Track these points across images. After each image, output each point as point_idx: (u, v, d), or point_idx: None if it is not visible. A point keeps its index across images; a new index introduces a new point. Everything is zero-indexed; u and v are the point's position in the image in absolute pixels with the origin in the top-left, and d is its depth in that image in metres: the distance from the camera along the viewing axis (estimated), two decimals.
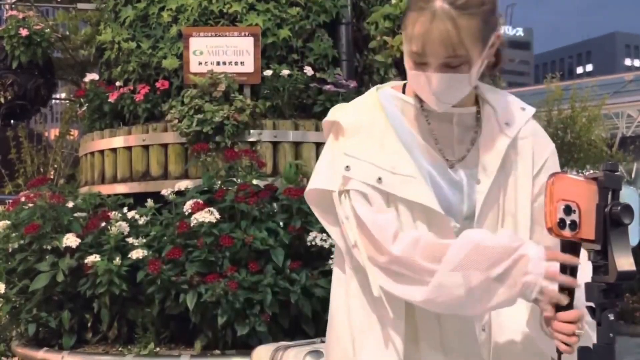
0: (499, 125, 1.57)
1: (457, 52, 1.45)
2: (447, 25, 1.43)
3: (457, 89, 1.51)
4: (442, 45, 1.44)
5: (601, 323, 1.38)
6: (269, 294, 3.55)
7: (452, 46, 1.44)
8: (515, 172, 1.56)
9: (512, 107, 1.60)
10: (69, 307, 3.95)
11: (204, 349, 3.67)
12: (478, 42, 1.45)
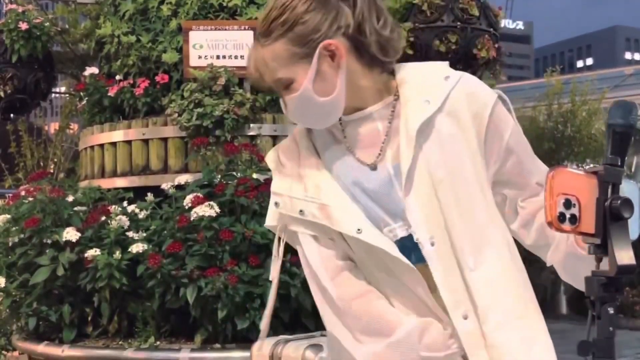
0: (416, 105, 1.55)
1: (272, 78, 1.53)
2: (257, 54, 1.53)
3: (305, 107, 1.54)
4: (258, 74, 1.54)
5: (601, 317, 1.38)
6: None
7: (266, 73, 1.53)
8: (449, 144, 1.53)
9: (432, 80, 1.58)
10: (69, 301, 3.95)
11: (204, 343, 3.68)
12: (293, 61, 1.50)
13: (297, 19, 1.49)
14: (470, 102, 1.55)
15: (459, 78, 1.57)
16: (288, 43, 1.50)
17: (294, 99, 1.53)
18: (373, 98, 1.59)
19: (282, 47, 1.50)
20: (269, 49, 1.51)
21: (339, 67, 1.52)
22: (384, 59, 1.55)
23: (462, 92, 1.56)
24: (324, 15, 1.51)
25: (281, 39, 1.50)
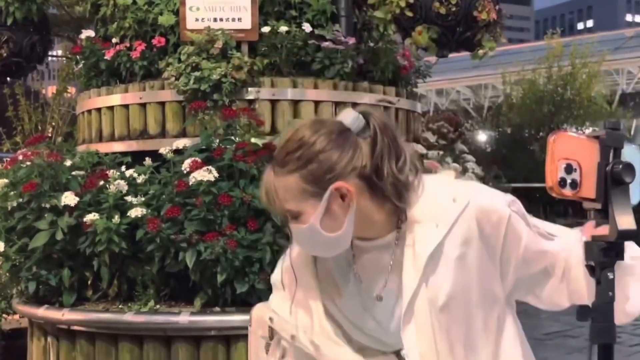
0: (424, 230, 1.56)
1: (281, 207, 1.56)
2: (270, 181, 1.56)
3: (313, 240, 1.57)
4: (268, 199, 1.58)
5: (600, 281, 1.38)
6: (268, 252, 3.56)
7: (276, 201, 1.56)
8: (456, 270, 1.54)
9: (440, 202, 1.58)
10: (68, 265, 3.96)
11: (203, 306, 3.69)
12: (303, 197, 1.52)
13: (312, 157, 1.51)
14: (482, 224, 1.55)
15: (467, 202, 1.56)
16: (300, 179, 1.52)
17: (300, 231, 1.56)
18: (385, 229, 1.60)
19: (294, 182, 1.52)
20: (282, 179, 1.53)
21: (349, 207, 1.53)
22: (398, 204, 1.55)
23: (472, 215, 1.55)
24: (340, 155, 1.52)
25: (294, 174, 1.52)
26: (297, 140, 1.52)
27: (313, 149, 1.51)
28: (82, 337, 3.85)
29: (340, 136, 1.54)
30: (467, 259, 1.54)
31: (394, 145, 1.55)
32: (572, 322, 7.83)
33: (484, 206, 1.57)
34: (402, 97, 4.74)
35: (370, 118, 1.57)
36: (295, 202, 1.53)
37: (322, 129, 1.55)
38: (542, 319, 8.27)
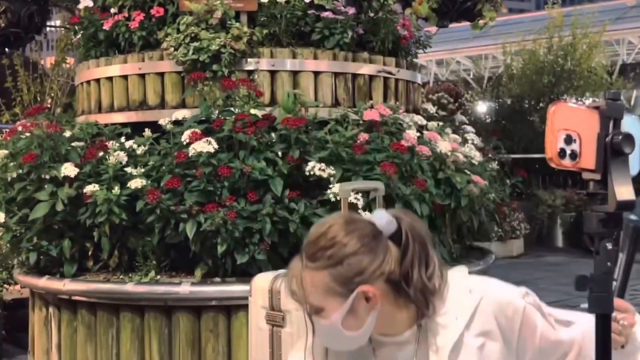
0: (444, 322, 1.60)
1: (305, 299, 1.58)
2: (299, 272, 1.58)
3: (332, 335, 1.60)
4: (294, 287, 1.59)
5: (599, 252, 1.39)
6: (268, 223, 3.57)
7: (301, 291, 1.58)
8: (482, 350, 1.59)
9: (458, 294, 1.62)
10: (69, 236, 3.97)
11: (204, 277, 3.72)
12: (328, 294, 1.54)
13: (343, 259, 1.53)
14: (498, 317, 1.59)
15: (483, 293, 1.61)
16: (328, 277, 1.54)
17: (322, 326, 1.59)
18: (405, 326, 1.63)
19: (321, 279, 1.54)
20: (310, 274, 1.56)
21: (372, 309, 1.56)
22: (423, 310, 1.58)
23: (488, 307, 1.60)
24: (371, 260, 1.54)
25: (323, 271, 1.54)
26: (330, 239, 1.55)
27: (345, 251, 1.54)
28: (83, 307, 3.88)
29: (373, 240, 1.56)
30: (486, 349, 1.60)
31: (424, 251, 1.59)
32: (570, 291, 7.87)
33: (499, 299, 1.62)
34: (402, 67, 4.72)
35: (402, 222, 1.60)
36: (320, 297, 1.56)
37: (355, 230, 1.57)
38: (541, 289, 8.32)
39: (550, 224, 11.96)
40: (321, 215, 3.66)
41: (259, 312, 3.01)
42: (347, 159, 3.77)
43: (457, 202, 4.06)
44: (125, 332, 3.72)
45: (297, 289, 1.60)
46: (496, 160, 5.15)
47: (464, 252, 4.54)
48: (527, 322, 1.61)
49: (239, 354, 3.57)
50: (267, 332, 2.96)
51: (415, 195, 3.80)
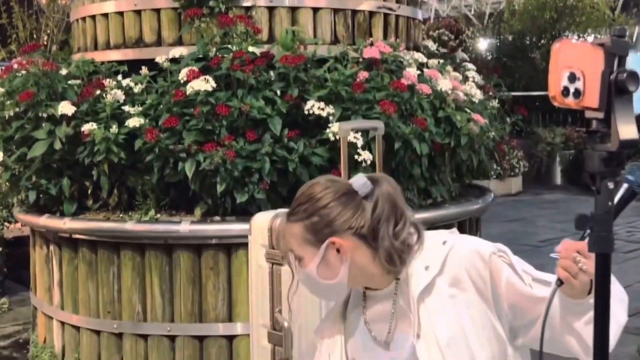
0: (418, 273, 1.73)
1: (287, 248, 1.77)
2: (283, 226, 1.79)
3: (310, 284, 1.78)
4: (278, 244, 1.86)
5: (600, 191, 1.38)
6: (267, 163, 3.56)
7: (283, 244, 1.79)
8: (450, 306, 1.70)
9: (431, 247, 1.75)
10: (68, 175, 3.97)
11: (204, 215, 3.72)
12: (305, 243, 1.73)
13: (315, 211, 1.71)
14: (467, 266, 1.70)
15: (454, 242, 1.74)
16: (304, 228, 1.73)
17: (301, 274, 1.77)
18: (386, 280, 1.77)
19: (298, 230, 1.73)
20: (290, 226, 1.75)
21: (343, 261, 1.72)
22: (389, 267, 1.72)
23: (458, 255, 1.71)
24: (340, 213, 1.71)
25: (300, 223, 1.73)
26: (307, 195, 1.74)
27: (318, 204, 1.72)
28: (84, 245, 3.90)
29: (346, 197, 1.72)
30: (459, 299, 1.69)
31: (394, 211, 1.72)
32: (567, 229, 7.93)
33: (468, 248, 1.72)
34: (402, 3, 4.65)
35: (376, 184, 1.74)
36: (298, 247, 1.74)
37: (331, 188, 1.75)
38: (539, 227, 8.38)
39: (549, 162, 11.98)
40: (320, 155, 3.65)
41: (259, 250, 3.03)
42: (346, 98, 3.74)
43: (457, 141, 4.05)
44: (126, 270, 3.75)
45: (281, 241, 1.80)
46: (497, 98, 5.12)
47: (462, 191, 4.54)
48: (495, 272, 1.68)
49: (239, 291, 3.61)
50: (267, 270, 2.98)
51: (414, 134, 3.78)
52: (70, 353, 4.02)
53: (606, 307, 1.35)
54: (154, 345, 3.72)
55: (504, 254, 1.72)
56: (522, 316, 1.70)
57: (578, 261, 1.49)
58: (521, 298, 1.68)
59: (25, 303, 5.15)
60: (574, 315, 1.59)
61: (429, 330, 1.69)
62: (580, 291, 1.53)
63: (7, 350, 4.62)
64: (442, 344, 1.67)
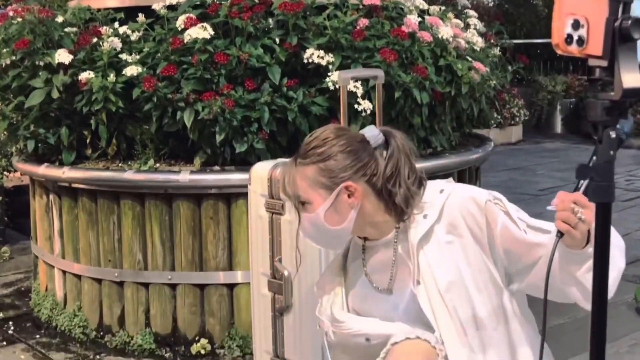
0: (416, 223, 1.77)
1: (295, 194, 1.79)
2: (290, 169, 1.80)
3: (315, 228, 1.79)
4: (284, 185, 1.81)
5: (602, 141, 1.37)
6: (266, 112, 3.53)
7: (291, 188, 1.79)
8: (447, 252, 1.74)
9: (429, 196, 1.79)
10: (66, 124, 3.95)
11: (203, 165, 3.72)
12: (315, 187, 1.75)
13: (332, 155, 1.74)
14: (463, 211, 1.74)
15: (451, 190, 1.78)
16: (317, 171, 1.75)
17: (306, 219, 1.79)
18: (387, 229, 1.81)
19: (312, 172, 1.75)
20: (301, 169, 1.77)
21: (353, 206, 1.75)
22: (405, 209, 1.76)
23: (455, 202, 1.75)
24: (354, 160, 1.75)
25: (314, 165, 1.75)
26: (322, 139, 1.77)
27: (334, 149, 1.75)
28: (84, 194, 3.90)
29: (360, 145, 1.77)
30: (456, 244, 1.73)
31: (408, 162, 1.79)
32: (566, 177, 7.94)
33: (464, 195, 1.76)
34: None
35: (390, 135, 1.81)
36: (308, 191, 1.76)
37: (345, 134, 1.79)
38: (538, 175, 8.39)
39: (549, 111, 11.92)
40: (320, 104, 3.62)
41: (259, 200, 3.04)
42: (346, 46, 3.70)
43: (458, 90, 4.02)
44: (126, 219, 3.76)
45: (288, 185, 1.79)
46: (498, 46, 5.06)
47: (462, 140, 4.53)
48: (491, 219, 1.72)
49: (239, 241, 3.62)
50: (267, 219, 2.99)
51: (415, 82, 3.75)
52: (72, 301, 4.06)
53: (606, 256, 1.36)
54: (155, 293, 3.75)
55: (500, 201, 1.75)
56: (516, 262, 1.73)
57: (576, 212, 1.50)
58: (516, 244, 1.71)
59: (26, 252, 5.18)
60: (574, 265, 1.60)
61: (428, 276, 1.72)
62: (580, 241, 1.54)
63: (9, 298, 4.66)
64: (441, 289, 1.70)
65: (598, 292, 1.35)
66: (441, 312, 1.71)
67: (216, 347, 3.68)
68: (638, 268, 4.65)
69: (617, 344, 3.70)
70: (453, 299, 1.71)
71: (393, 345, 1.70)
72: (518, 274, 1.76)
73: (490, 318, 1.74)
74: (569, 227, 1.50)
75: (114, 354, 3.77)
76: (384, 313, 1.83)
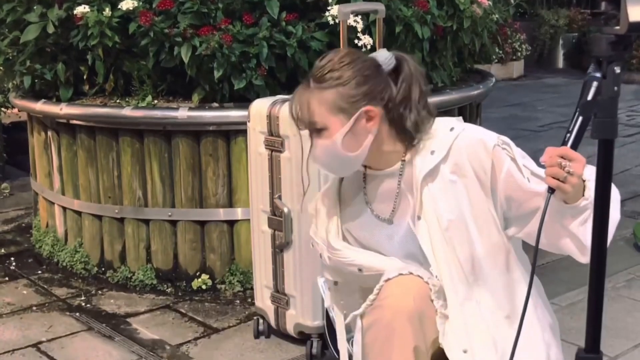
0: (423, 157, 1.76)
1: (309, 119, 1.73)
2: (305, 94, 1.73)
3: (329, 155, 1.75)
4: (298, 110, 1.75)
5: (606, 76, 1.35)
6: (264, 48, 3.48)
7: (306, 113, 1.73)
8: (450, 190, 1.73)
9: (439, 133, 1.78)
10: (62, 60, 3.90)
11: (201, 102, 3.69)
12: (333, 112, 1.70)
13: (350, 78, 1.70)
14: (470, 153, 1.71)
15: (461, 130, 1.75)
16: (336, 95, 1.70)
17: (321, 145, 1.74)
18: (392, 160, 1.80)
19: (330, 97, 1.70)
20: (318, 94, 1.71)
21: (370, 131, 1.73)
22: (414, 135, 1.76)
23: (463, 143, 1.73)
24: (372, 84, 1.72)
25: (331, 90, 1.70)
26: (339, 62, 1.71)
27: (352, 72, 1.71)
28: (82, 131, 3.88)
29: (376, 68, 1.75)
30: (460, 184, 1.72)
31: (419, 86, 1.77)
32: (566, 113, 7.90)
33: (473, 136, 1.75)
34: None
35: (402, 59, 1.78)
36: (325, 116, 1.71)
37: (361, 57, 1.76)
38: (539, 111, 8.35)
39: (552, 45, 11.79)
40: (319, 39, 3.57)
41: (258, 137, 3.02)
42: None
43: (460, 24, 3.95)
44: (125, 156, 3.75)
45: (302, 110, 1.74)
46: None
47: (464, 76, 4.49)
48: (497, 163, 1.71)
49: (239, 178, 3.62)
50: (266, 156, 2.98)
51: (416, 16, 3.69)
52: (72, 237, 4.08)
53: (607, 194, 1.35)
54: (155, 229, 3.77)
55: (508, 147, 1.74)
56: (516, 208, 1.73)
57: (564, 166, 1.49)
58: (518, 191, 1.70)
59: (26, 188, 5.18)
60: (568, 218, 1.61)
61: (430, 213, 1.72)
62: (572, 194, 1.55)
63: (10, 234, 4.69)
64: (442, 226, 1.71)
65: (599, 227, 1.34)
66: (440, 249, 1.72)
67: (217, 282, 3.72)
68: (637, 204, 4.66)
69: (615, 278, 3.74)
70: (453, 237, 1.72)
71: (386, 281, 1.70)
72: (516, 220, 1.76)
73: (488, 258, 1.74)
74: (558, 182, 1.50)
75: (116, 289, 3.81)
76: (380, 241, 1.84)
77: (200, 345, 3.21)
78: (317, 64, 1.76)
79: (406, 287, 1.68)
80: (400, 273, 1.71)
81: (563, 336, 3.13)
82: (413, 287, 1.68)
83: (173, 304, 3.64)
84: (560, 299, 3.50)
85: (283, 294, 3.05)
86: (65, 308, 3.61)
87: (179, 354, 3.13)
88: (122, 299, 3.70)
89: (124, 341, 3.25)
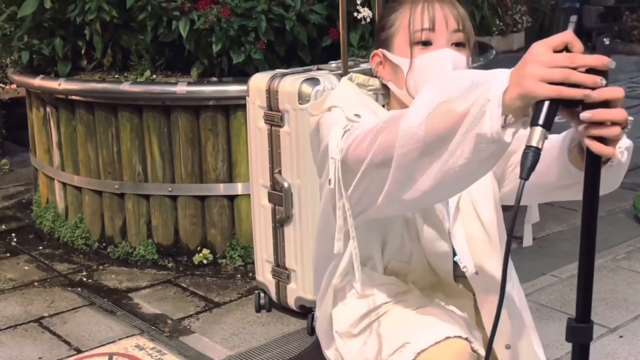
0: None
1: (461, 26, 1.59)
2: (449, 5, 1.59)
3: (439, 71, 1.55)
4: (450, 18, 1.58)
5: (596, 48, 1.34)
6: (263, 21, 3.46)
7: (459, 19, 1.58)
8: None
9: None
10: (60, 35, 3.88)
11: (200, 76, 3.67)
12: (470, 28, 1.61)
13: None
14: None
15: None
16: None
17: (459, 58, 1.57)
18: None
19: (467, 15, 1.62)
20: (463, 11, 1.61)
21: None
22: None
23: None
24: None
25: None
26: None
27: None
28: (81, 106, 3.87)
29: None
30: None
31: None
32: None
33: None
34: None
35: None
36: (469, 29, 1.61)
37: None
38: None
39: (553, 16, 11.71)
40: (318, 13, 3.54)
41: (257, 111, 3.01)
42: None
43: None
44: (124, 131, 3.74)
45: (465, 22, 1.60)
46: None
47: None
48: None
49: (238, 152, 3.61)
50: (266, 131, 2.97)
51: None
52: (73, 213, 4.08)
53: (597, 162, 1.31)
54: (156, 204, 3.77)
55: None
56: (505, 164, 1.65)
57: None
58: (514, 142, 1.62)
59: (26, 164, 5.18)
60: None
61: None
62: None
63: (10, 211, 4.70)
64: (474, 198, 1.65)
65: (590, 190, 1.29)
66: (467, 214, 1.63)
67: (218, 257, 3.73)
68: (637, 176, 4.66)
69: (615, 250, 3.75)
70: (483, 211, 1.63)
71: (419, 354, 1.46)
72: (504, 179, 1.69)
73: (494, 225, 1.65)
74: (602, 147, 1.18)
75: (117, 264, 3.83)
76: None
77: (202, 319, 3.23)
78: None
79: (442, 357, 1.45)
80: (436, 341, 1.46)
81: (563, 308, 3.17)
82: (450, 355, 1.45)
83: (174, 278, 3.65)
84: (561, 271, 3.51)
85: (284, 268, 3.06)
86: (66, 283, 3.63)
87: (181, 328, 3.15)
88: (124, 274, 3.71)
89: (125, 316, 3.27)
